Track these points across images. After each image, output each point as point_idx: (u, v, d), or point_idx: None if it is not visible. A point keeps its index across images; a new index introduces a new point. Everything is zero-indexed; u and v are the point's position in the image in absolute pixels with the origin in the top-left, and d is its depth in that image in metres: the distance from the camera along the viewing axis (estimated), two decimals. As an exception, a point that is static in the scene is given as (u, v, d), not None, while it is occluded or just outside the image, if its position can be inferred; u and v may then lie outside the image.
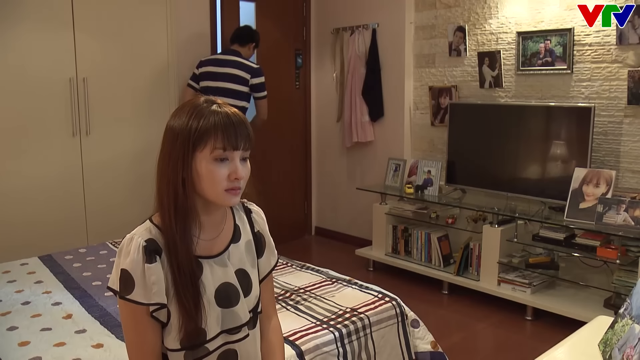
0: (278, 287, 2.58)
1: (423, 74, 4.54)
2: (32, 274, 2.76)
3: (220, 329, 1.32)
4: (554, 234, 3.50)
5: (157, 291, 1.24)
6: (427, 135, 4.57)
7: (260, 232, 1.48)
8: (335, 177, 5.27)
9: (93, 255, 3.05)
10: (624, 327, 1.38)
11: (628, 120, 3.45)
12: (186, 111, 1.26)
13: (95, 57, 3.73)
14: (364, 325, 2.26)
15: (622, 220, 3.18)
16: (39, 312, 2.30)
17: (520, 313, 3.56)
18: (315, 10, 5.26)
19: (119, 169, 3.90)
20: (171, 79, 4.11)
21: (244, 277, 1.38)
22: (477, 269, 3.85)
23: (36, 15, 3.46)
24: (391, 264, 4.35)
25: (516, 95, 3.96)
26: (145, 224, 1.30)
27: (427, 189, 4.25)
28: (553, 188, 3.60)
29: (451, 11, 4.27)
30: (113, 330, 2.13)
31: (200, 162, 1.24)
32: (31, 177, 3.54)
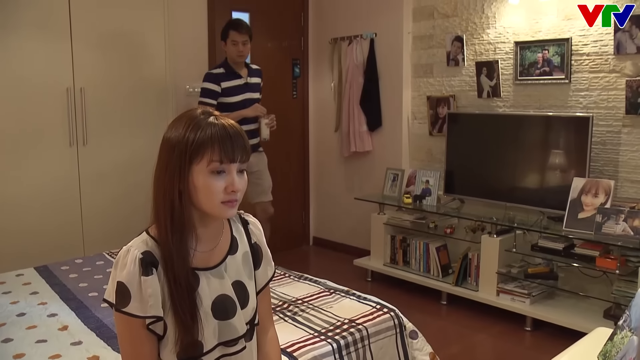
0: (275, 298, 2.57)
1: (421, 84, 4.55)
2: (28, 285, 2.74)
3: (217, 341, 1.31)
4: (553, 244, 3.49)
5: (154, 304, 1.23)
6: (425, 145, 4.57)
7: (257, 243, 1.47)
8: (333, 187, 5.26)
9: (89, 266, 3.04)
10: (623, 339, 1.37)
11: (626, 130, 3.45)
12: (183, 123, 1.26)
13: (93, 67, 3.73)
14: (362, 337, 2.25)
15: (621, 230, 3.17)
16: (35, 323, 2.29)
17: (519, 324, 3.55)
18: (313, 20, 5.28)
19: (116, 179, 3.88)
20: (168, 89, 4.11)
21: (241, 288, 1.37)
22: (475, 279, 3.84)
23: (34, 25, 3.46)
24: (389, 274, 4.33)
25: (514, 105, 3.96)
26: (142, 236, 1.30)
27: (426, 199, 4.25)
28: (552, 198, 3.60)
29: (449, 21, 4.29)
30: (109, 342, 2.11)
31: (197, 175, 1.23)
32: (28, 187, 3.53)
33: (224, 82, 3.86)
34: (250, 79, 3.97)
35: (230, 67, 3.90)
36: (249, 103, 3.91)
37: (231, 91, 3.87)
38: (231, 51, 3.86)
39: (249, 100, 3.92)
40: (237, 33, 3.83)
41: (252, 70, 4.01)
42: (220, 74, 3.88)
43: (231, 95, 3.88)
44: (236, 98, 3.88)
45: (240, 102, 3.88)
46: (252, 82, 3.98)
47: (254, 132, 3.90)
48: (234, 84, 3.89)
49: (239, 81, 3.90)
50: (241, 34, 3.83)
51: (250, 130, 3.87)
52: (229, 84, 3.87)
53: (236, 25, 3.86)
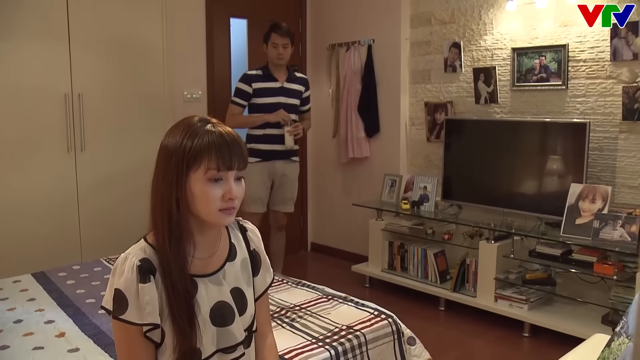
0: (273, 305, 2.56)
1: (419, 90, 4.56)
2: (25, 292, 2.73)
3: (216, 348, 1.31)
4: (551, 249, 3.49)
5: (151, 311, 1.23)
6: (422, 151, 4.58)
7: (255, 250, 1.47)
8: (331, 193, 5.26)
9: (87, 272, 3.03)
10: (620, 345, 1.36)
11: (623, 136, 3.46)
12: (180, 130, 1.26)
13: (91, 73, 3.73)
14: (360, 343, 2.24)
15: (619, 236, 3.18)
16: (32, 330, 2.27)
17: (517, 329, 3.54)
18: (310, 26, 5.29)
19: (113, 186, 3.88)
20: (167, 95, 4.10)
21: (239, 295, 1.37)
22: (473, 285, 3.84)
23: (32, 30, 3.46)
24: (387, 280, 4.33)
25: (512, 111, 3.97)
26: (140, 243, 1.29)
27: (423, 205, 4.25)
28: (549, 204, 3.60)
29: (446, 27, 4.30)
30: (107, 349, 2.10)
31: (195, 183, 1.23)
32: (25, 193, 3.52)
33: (257, 83, 3.86)
34: (288, 84, 3.93)
35: (268, 69, 3.90)
36: (281, 107, 3.87)
37: (263, 92, 3.86)
38: (271, 53, 3.85)
39: (282, 105, 3.88)
40: (278, 36, 3.82)
41: (293, 77, 3.99)
42: (254, 75, 3.89)
43: (262, 96, 3.86)
44: (267, 100, 3.86)
45: (271, 105, 3.86)
46: (289, 87, 3.94)
47: (280, 137, 3.88)
48: (267, 86, 3.87)
49: (274, 84, 3.88)
50: (282, 36, 3.82)
51: (275, 135, 3.88)
52: (261, 85, 3.86)
53: (277, 28, 3.84)
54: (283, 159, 3.97)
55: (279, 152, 3.93)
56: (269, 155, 3.92)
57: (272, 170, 3.97)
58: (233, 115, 3.90)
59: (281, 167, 3.98)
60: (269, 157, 3.92)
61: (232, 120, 3.85)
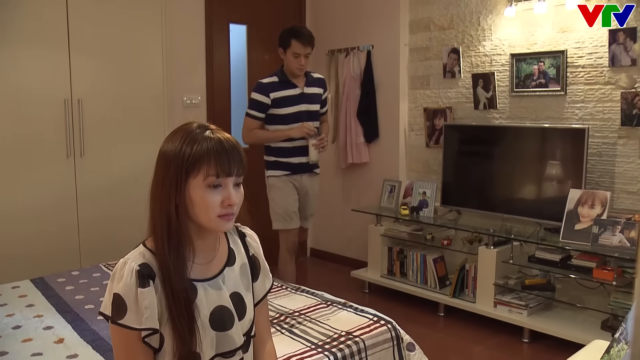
0: (272, 310, 2.56)
1: (418, 96, 4.57)
2: (24, 297, 2.73)
3: (215, 352, 1.31)
4: (550, 255, 3.49)
5: (149, 316, 1.23)
6: (422, 156, 4.58)
7: (255, 255, 1.48)
8: (330, 198, 5.26)
9: (86, 278, 3.02)
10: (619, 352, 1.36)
11: (622, 142, 3.46)
12: (179, 136, 1.26)
13: (91, 79, 3.74)
14: (359, 349, 2.24)
15: (618, 241, 3.18)
16: (30, 336, 2.27)
17: (517, 335, 3.54)
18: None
19: (113, 191, 3.88)
20: (166, 101, 4.11)
21: (238, 300, 1.38)
22: (473, 291, 3.83)
23: (31, 35, 3.47)
24: (387, 285, 4.32)
25: (510, 117, 3.98)
26: (139, 248, 1.30)
27: (423, 211, 4.25)
28: (548, 209, 3.60)
29: (445, 33, 4.31)
30: (105, 355, 2.10)
31: (194, 189, 1.24)
32: (25, 198, 3.52)
33: (274, 92, 3.52)
34: (307, 89, 3.60)
35: (285, 75, 3.56)
36: (305, 115, 3.57)
37: (283, 102, 3.53)
38: (291, 63, 3.50)
39: (305, 113, 3.58)
40: (300, 45, 3.46)
41: (311, 80, 3.65)
42: (271, 84, 3.54)
43: (283, 106, 3.53)
44: (289, 110, 3.55)
45: (293, 114, 3.55)
46: (309, 92, 3.61)
47: (304, 149, 3.59)
48: (287, 94, 3.54)
49: (293, 91, 3.56)
50: (305, 46, 3.47)
51: (301, 147, 3.59)
52: (280, 94, 3.53)
53: (300, 35, 3.48)
54: (308, 172, 3.70)
55: (304, 165, 3.65)
56: (296, 169, 3.64)
57: (299, 185, 3.70)
58: (250, 131, 3.57)
59: (307, 182, 3.72)
60: (297, 170, 3.64)
61: (251, 136, 3.60)
